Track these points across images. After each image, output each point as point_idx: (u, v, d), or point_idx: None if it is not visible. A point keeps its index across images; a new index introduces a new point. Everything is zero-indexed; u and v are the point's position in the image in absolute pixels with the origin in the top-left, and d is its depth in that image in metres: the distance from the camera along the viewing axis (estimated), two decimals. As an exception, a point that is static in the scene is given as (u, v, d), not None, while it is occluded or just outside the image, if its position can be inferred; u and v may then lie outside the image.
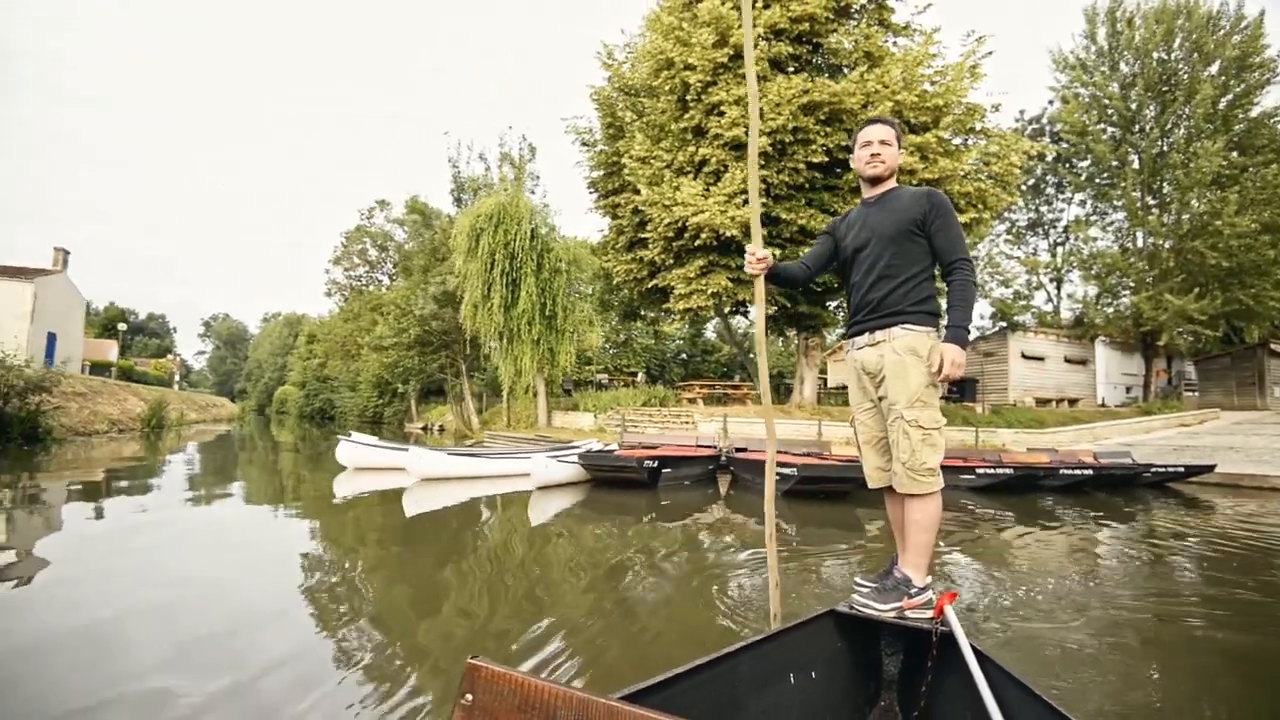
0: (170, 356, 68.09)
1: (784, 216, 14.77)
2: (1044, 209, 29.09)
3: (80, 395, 18.01)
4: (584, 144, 18.57)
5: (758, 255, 2.34)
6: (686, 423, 15.31)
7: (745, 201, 14.28)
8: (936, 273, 2.34)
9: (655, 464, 8.35)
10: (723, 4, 14.55)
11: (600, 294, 21.24)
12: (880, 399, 2.29)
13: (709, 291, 14.75)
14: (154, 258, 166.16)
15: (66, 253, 29.84)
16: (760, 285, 2.42)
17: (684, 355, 35.32)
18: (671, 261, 15.59)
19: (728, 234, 14.04)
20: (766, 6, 14.80)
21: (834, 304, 18.17)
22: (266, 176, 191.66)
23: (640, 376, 25.09)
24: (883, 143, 2.34)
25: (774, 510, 2.43)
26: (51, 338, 26.54)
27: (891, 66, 14.67)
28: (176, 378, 52.77)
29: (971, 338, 23.47)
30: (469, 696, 0.97)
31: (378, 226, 35.47)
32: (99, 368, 33.30)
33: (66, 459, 11.90)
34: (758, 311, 2.52)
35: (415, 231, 21.77)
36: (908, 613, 2.04)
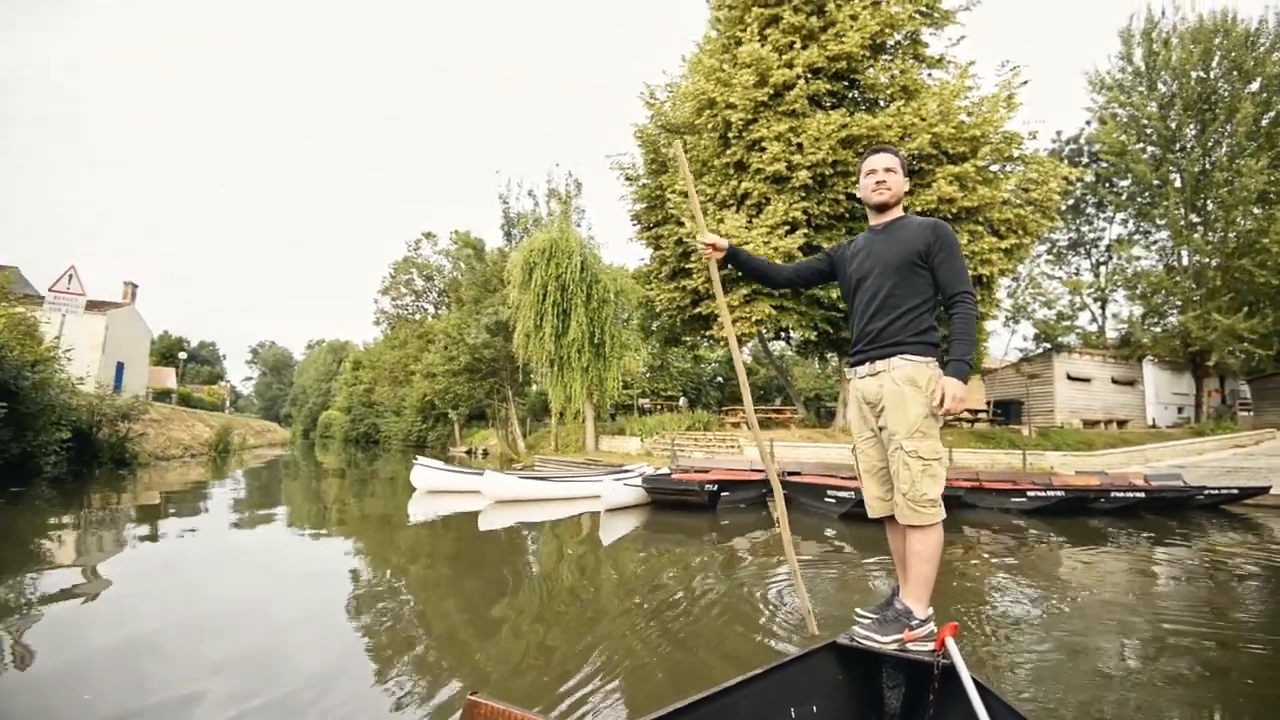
0: (222, 383, 70.84)
1: (825, 245, 15.23)
2: (1085, 228, 28.90)
3: (156, 422, 19.23)
4: (628, 179, 19.39)
5: (706, 240, 2.47)
6: (732, 447, 15.70)
7: (788, 232, 14.82)
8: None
9: (715, 488, 8.82)
10: (762, 47, 15.28)
11: (641, 321, 21.88)
12: (880, 429, 2.30)
13: (753, 319, 15.24)
14: (204, 287, 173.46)
15: (135, 286, 31.92)
16: (714, 270, 2.59)
17: (720, 379, 35.68)
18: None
19: (770, 264, 14.56)
20: (805, 47, 15.47)
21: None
22: (310, 213, 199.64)
23: (681, 401, 25.57)
24: (887, 170, 2.40)
25: (786, 521, 2.74)
26: (120, 367, 28.23)
27: (928, 99, 15.14)
28: (228, 403, 55.03)
29: (1015, 359, 23.44)
30: None
31: (424, 258, 37.03)
32: (160, 395, 35.11)
33: (152, 481, 12.87)
34: (719, 301, 2.72)
35: (468, 264, 22.81)
36: (909, 645, 2.04)
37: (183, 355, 47.17)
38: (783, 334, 17.77)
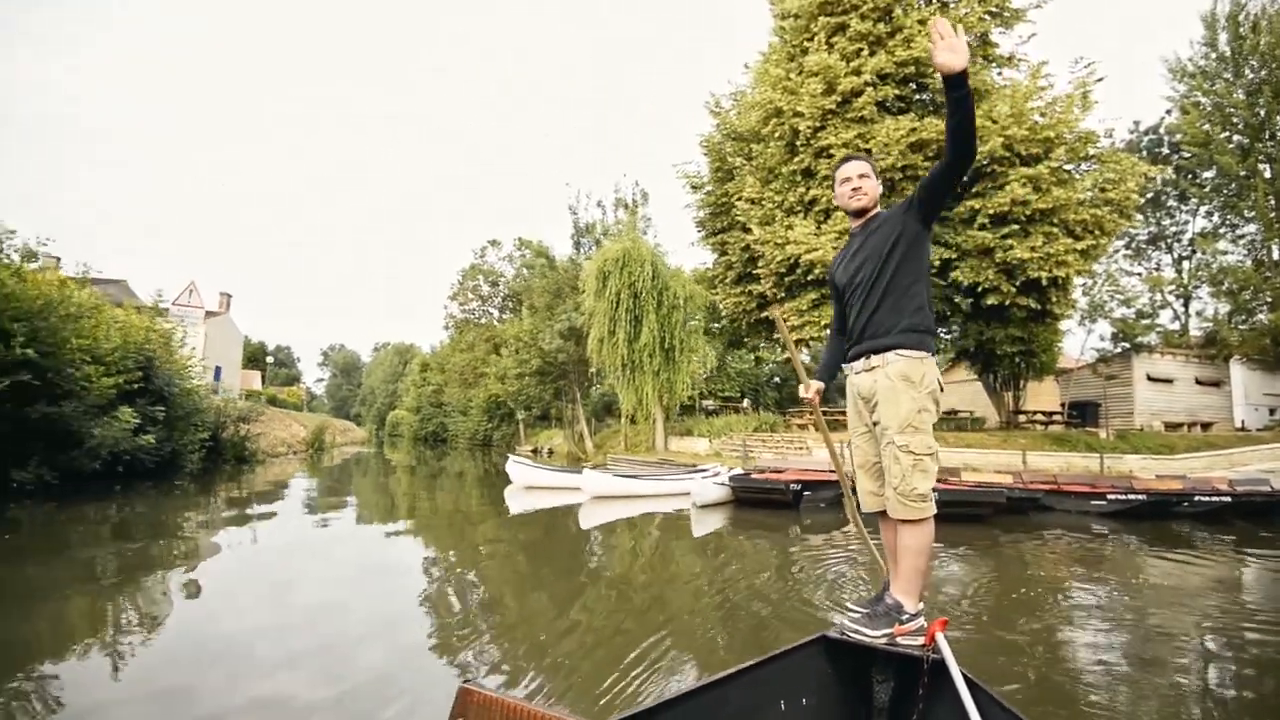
0: (299, 385, 75.08)
1: (894, 249, 15.48)
2: (1165, 222, 27.79)
3: (262, 422, 20.99)
4: (693, 187, 19.98)
5: (812, 391, 2.61)
6: (800, 448, 16.09)
7: (856, 238, 15.09)
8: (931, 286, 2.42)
9: (799, 487, 9.34)
10: (829, 55, 15.61)
11: (705, 324, 22.43)
12: (874, 423, 2.33)
13: (821, 323, 15.59)
14: (277, 293, 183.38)
15: (230, 296, 34.67)
16: (816, 405, 2.65)
17: (777, 379, 35.82)
18: (783, 295, 16.56)
19: (839, 269, 14.88)
20: (873, 54, 15.71)
21: (943, 331, 18.51)
22: (375, 216, 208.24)
23: (745, 402, 26.00)
24: (861, 176, 2.45)
25: (860, 519, 2.80)
26: (217, 371, 30.73)
27: (999, 101, 15.15)
28: (305, 404, 58.47)
29: (1092, 359, 22.78)
30: None
31: (489, 264, 38.56)
32: (247, 396, 37.91)
33: (269, 474, 14.28)
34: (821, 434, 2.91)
35: (541, 273, 23.89)
36: (899, 639, 2.05)
37: (270, 360, 50.33)
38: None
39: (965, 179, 14.97)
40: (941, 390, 2.31)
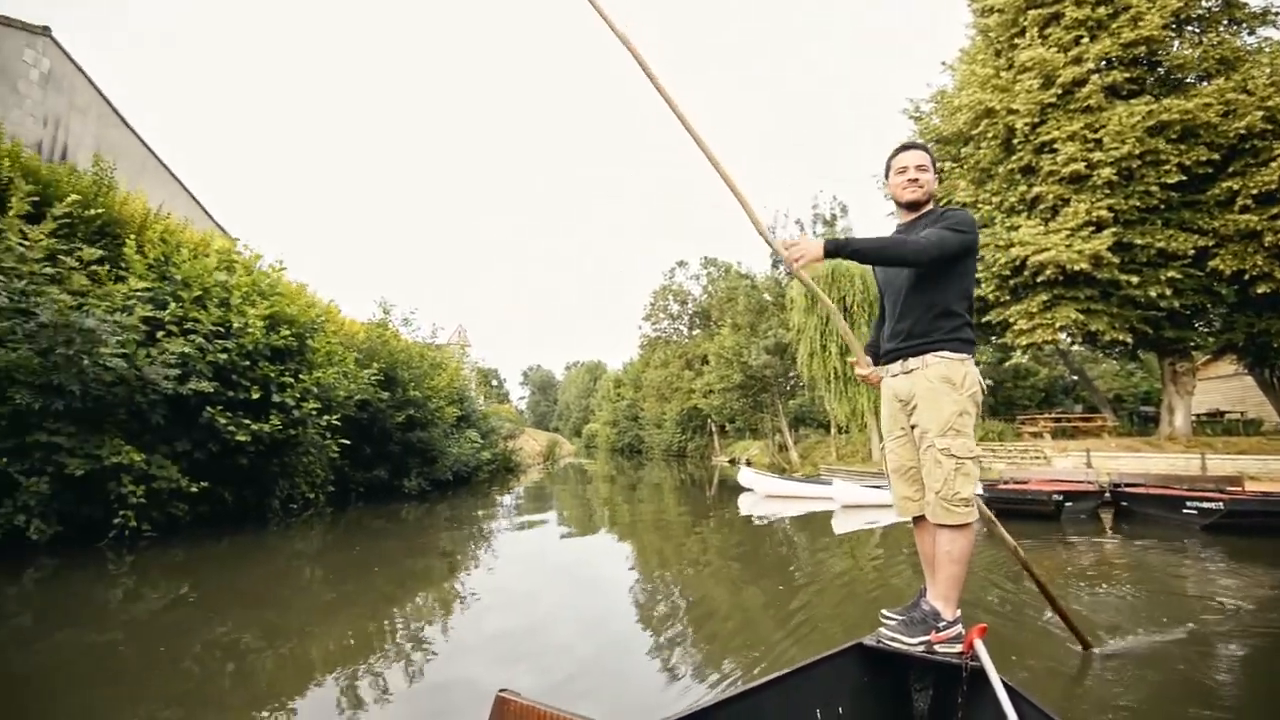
0: (509, 404, 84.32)
1: (1137, 241, 14.37)
2: None
3: (518, 439, 24.74)
4: (895, 195, 19.97)
5: (867, 370, 2.57)
6: (1038, 457, 15.40)
7: (1093, 233, 14.26)
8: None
9: (1060, 497, 9.34)
10: (1043, 47, 15.00)
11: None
12: (912, 427, 2.29)
13: (1055, 325, 14.89)
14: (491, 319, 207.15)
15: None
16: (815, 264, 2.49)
17: (989, 381, 33.42)
18: (1007, 298, 16.02)
19: (1074, 268, 14.15)
20: (1094, 39, 14.82)
21: (1202, 324, 16.59)
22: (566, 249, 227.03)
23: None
24: (919, 168, 2.37)
25: (1002, 529, 2.82)
26: (459, 395, 36.28)
27: (1254, 69, 13.54)
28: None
29: None
30: None
31: (677, 284, 40.85)
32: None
33: (531, 481, 16.97)
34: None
35: (745, 293, 25.22)
36: (937, 647, 2.01)
37: (494, 383, 57.48)
38: (1091, 339, 16.79)
39: (1219, 157, 13.53)
40: (984, 393, 2.30)
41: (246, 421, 7.03)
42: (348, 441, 8.91)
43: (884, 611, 2.19)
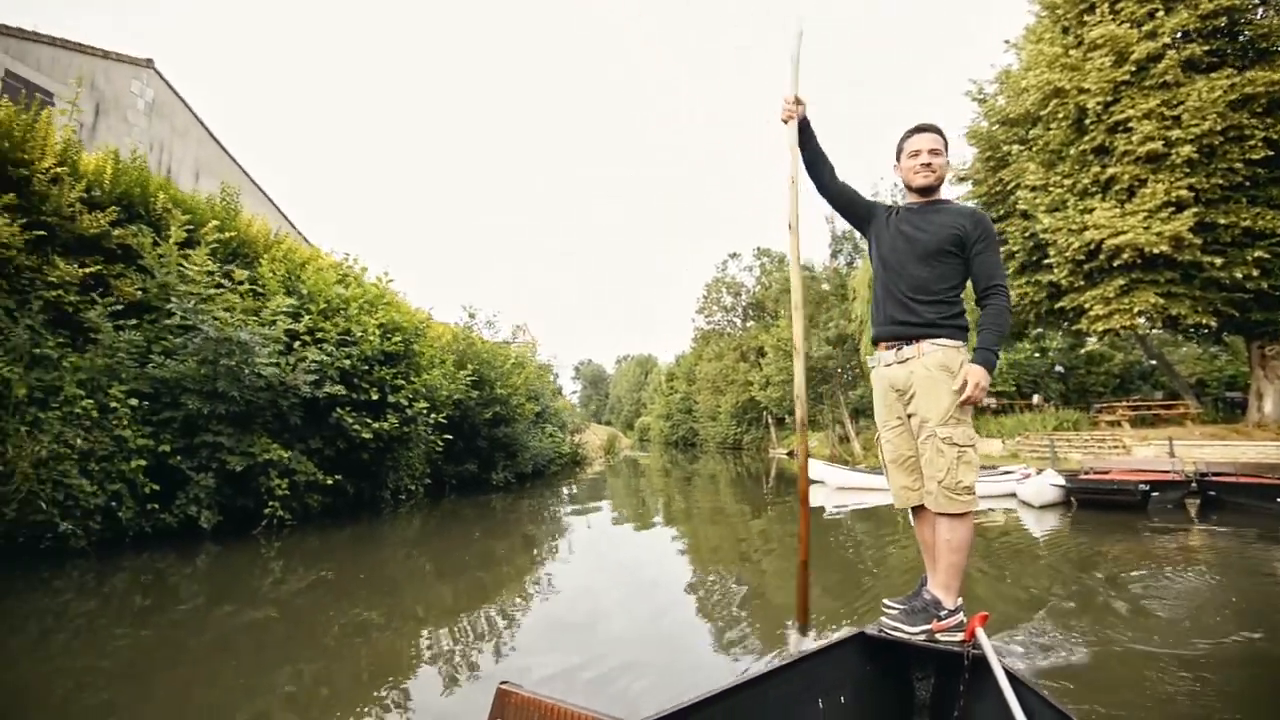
0: (565, 399, 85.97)
1: (1221, 221, 13.86)
2: None
3: (583, 432, 25.48)
4: (959, 179, 19.65)
5: (793, 98, 2.48)
6: (1116, 447, 15.05)
7: (1173, 214, 13.82)
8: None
9: (1147, 487, 9.25)
10: (1115, 24, 14.54)
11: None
12: (909, 416, 2.26)
13: (1134, 310, 14.50)
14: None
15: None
16: (793, 131, 2.53)
17: (1060, 368, 32.37)
18: (1082, 283, 15.65)
19: (1153, 251, 13.75)
20: (1169, 12, 14.30)
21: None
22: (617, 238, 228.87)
23: (1035, 398, 24.33)
24: (932, 152, 2.32)
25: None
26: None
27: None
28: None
29: None
30: None
31: (730, 276, 40.91)
32: (541, 411, 45.16)
33: (596, 472, 17.52)
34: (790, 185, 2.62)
35: (806, 284, 25.26)
36: (938, 635, 2.02)
37: (551, 378, 58.68)
38: (1172, 324, 16.20)
39: None
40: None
41: (368, 420, 7.78)
42: (450, 437, 9.63)
43: (885, 600, 2.20)
